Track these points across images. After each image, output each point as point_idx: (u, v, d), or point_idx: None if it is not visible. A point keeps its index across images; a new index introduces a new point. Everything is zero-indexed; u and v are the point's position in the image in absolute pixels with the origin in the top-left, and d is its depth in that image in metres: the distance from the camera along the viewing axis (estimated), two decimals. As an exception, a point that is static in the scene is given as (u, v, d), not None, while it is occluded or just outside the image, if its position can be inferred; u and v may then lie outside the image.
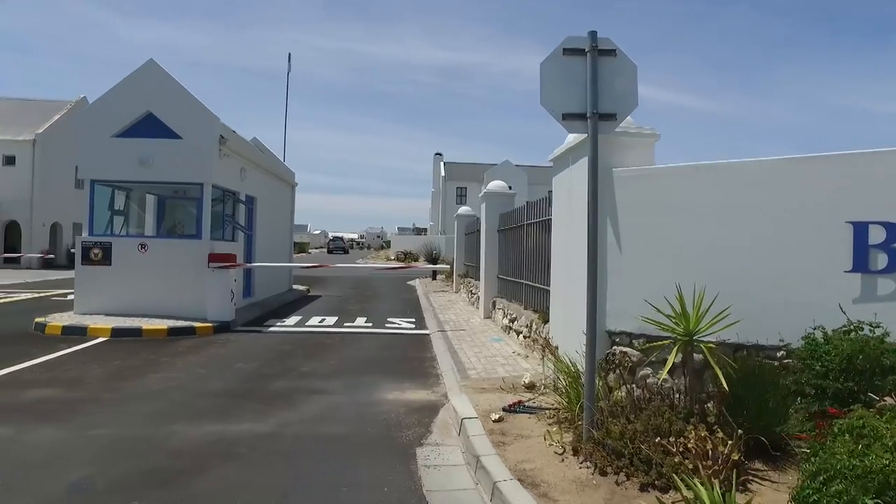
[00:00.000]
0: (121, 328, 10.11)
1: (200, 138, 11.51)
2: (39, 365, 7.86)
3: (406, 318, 13.24)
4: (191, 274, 11.30)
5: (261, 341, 10.09)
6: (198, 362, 8.24)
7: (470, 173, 53.94)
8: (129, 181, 12.06)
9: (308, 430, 5.34)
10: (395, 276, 28.52)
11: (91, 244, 11.49)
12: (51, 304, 14.69)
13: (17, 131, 31.32)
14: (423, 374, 7.81)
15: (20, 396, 6.32)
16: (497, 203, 12.49)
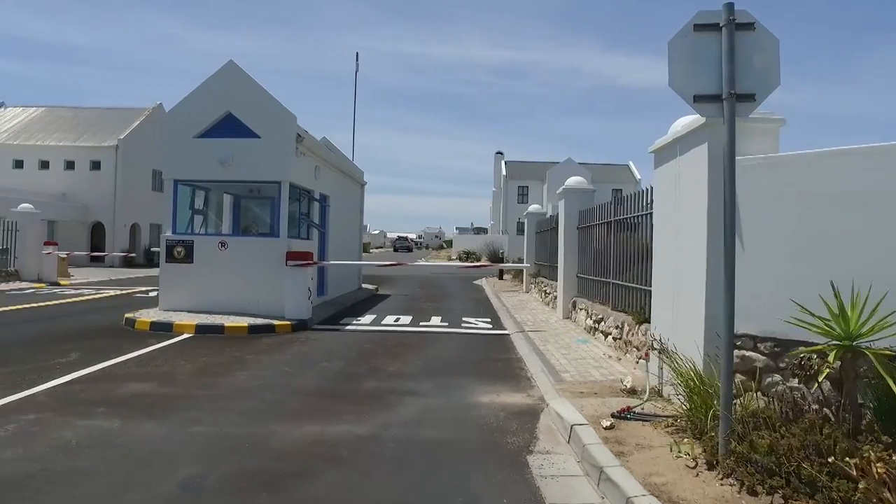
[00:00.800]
0: (204, 325, 10.25)
1: (278, 137, 11.59)
2: (132, 360, 8.00)
3: (481, 318, 12.97)
4: (269, 272, 11.39)
5: (340, 340, 10.03)
6: (282, 360, 8.21)
7: (531, 172, 53.28)
8: (210, 181, 12.28)
9: (409, 433, 5.13)
10: (461, 276, 28.34)
11: (174, 242, 11.75)
12: (135, 301, 15.19)
13: (101, 138, 32.87)
14: (512, 376, 7.51)
15: (119, 390, 6.39)
16: (576, 200, 12.06)
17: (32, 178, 32.26)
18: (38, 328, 10.62)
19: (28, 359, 7.89)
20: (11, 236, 20.71)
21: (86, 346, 8.88)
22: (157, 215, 35.85)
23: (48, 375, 6.98)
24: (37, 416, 5.45)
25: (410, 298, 17.22)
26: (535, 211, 18.98)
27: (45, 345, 8.93)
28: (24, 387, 6.46)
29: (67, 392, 6.31)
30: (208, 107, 11.75)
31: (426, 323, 12.09)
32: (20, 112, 36.25)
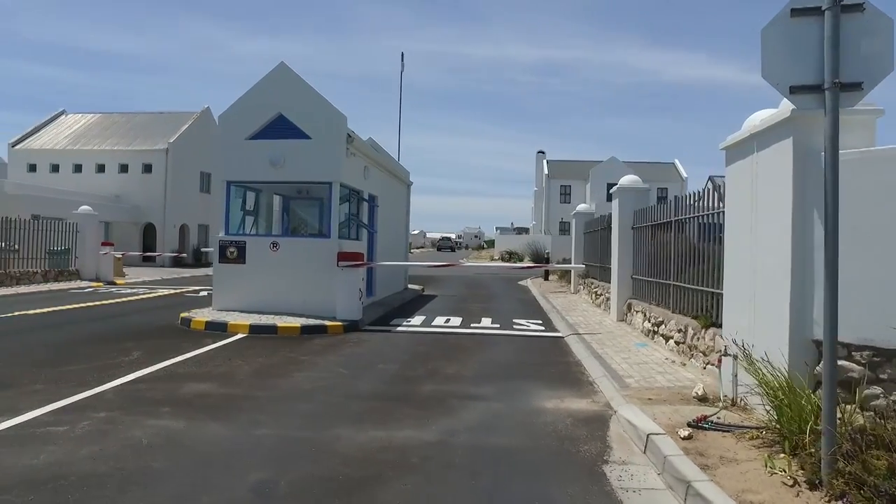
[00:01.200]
0: (258, 325, 10.32)
1: (329, 138, 11.62)
2: (191, 359, 8.07)
3: (532, 320, 12.75)
4: (319, 272, 11.41)
5: (393, 341, 9.96)
6: (338, 362, 8.17)
7: (574, 171, 52.59)
8: (262, 181, 12.39)
9: (476, 440, 4.98)
10: (504, 276, 28.10)
11: (227, 243, 11.89)
12: (187, 300, 15.48)
13: (153, 142, 33.81)
14: (573, 380, 7.29)
15: (181, 390, 6.43)
16: (631, 199, 11.72)
17: (90, 181, 33.40)
18: (102, 326, 10.88)
19: (95, 356, 8.06)
20: (72, 237, 21.44)
21: (147, 344, 9.03)
22: (205, 216, 36.75)
23: (114, 373, 7.09)
24: (107, 413, 5.51)
25: (457, 299, 17.09)
26: (583, 210, 18.63)
27: (110, 343, 9.11)
28: (93, 384, 6.57)
29: (133, 391, 6.38)
30: (260, 109, 11.85)
31: (477, 325, 11.93)
32: (79, 119, 37.59)
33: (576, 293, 18.33)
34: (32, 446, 4.64)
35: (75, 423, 5.23)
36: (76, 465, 4.24)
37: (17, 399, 5.99)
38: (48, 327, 10.73)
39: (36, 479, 3.99)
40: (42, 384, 6.61)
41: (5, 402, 5.86)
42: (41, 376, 6.94)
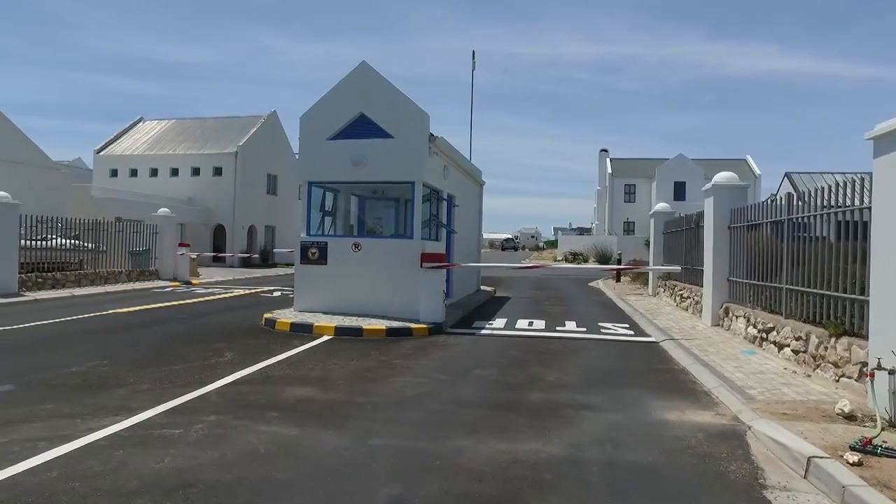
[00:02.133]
0: (343, 327, 10.23)
1: (412, 137, 11.44)
2: (284, 362, 8.00)
3: (618, 324, 12.22)
4: (402, 274, 11.26)
5: (482, 345, 9.67)
6: (432, 367, 7.94)
7: (638, 169, 51.17)
8: (343, 182, 12.32)
9: (608, 455, 4.62)
10: (572, 278, 27.47)
11: (309, 244, 11.89)
12: (263, 301, 15.67)
13: (223, 145, 34.80)
14: (685, 389, 6.81)
15: (283, 394, 6.32)
16: (727, 197, 11.05)
17: (164, 184, 34.67)
18: (189, 325, 11.04)
19: (191, 356, 8.11)
20: (152, 238, 22.18)
21: (237, 345, 9.05)
22: (271, 217, 37.58)
23: (213, 374, 7.08)
24: (217, 417, 5.42)
25: (533, 301, 16.69)
26: (662, 210, 17.88)
27: (201, 343, 9.19)
28: (195, 385, 6.56)
29: (236, 393, 6.31)
30: (341, 108, 11.80)
31: (562, 328, 11.51)
32: (155, 125, 39.13)
33: (655, 296, 17.60)
34: (155, 449, 4.57)
35: (188, 426, 5.16)
36: (201, 472, 4.12)
37: (129, 398, 6.02)
38: (140, 325, 10.96)
39: (166, 485, 3.88)
40: (148, 384, 6.63)
41: (119, 402, 5.90)
42: (146, 375, 6.99)
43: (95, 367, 7.43)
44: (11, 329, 10.39)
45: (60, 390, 6.35)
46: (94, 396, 6.11)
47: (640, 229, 49.12)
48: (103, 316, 12.28)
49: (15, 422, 5.27)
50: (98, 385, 6.58)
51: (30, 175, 24.51)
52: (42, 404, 5.81)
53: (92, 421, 5.28)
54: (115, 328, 10.68)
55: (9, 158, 24.08)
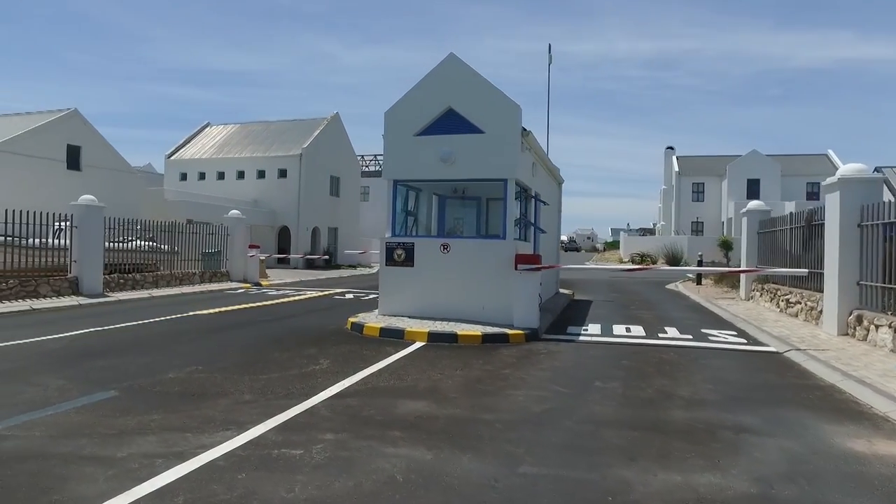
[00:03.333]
0: (436, 333, 9.67)
1: (503, 131, 10.81)
2: (385, 371, 7.49)
3: (723, 330, 11.25)
4: (494, 276, 10.64)
5: (588, 353, 8.93)
6: (545, 377, 7.28)
7: (707, 167, 49.09)
8: (431, 180, 11.78)
9: (811, 497, 3.85)
10: (646, 280, 26.28)
11: (394, 245, 11.41)
12: (337, 303, 15.35)
13: (287, 148, 35.10)
14: (850, 411, 5.92)
15: (397, 409, 5.78)
16: (856, 192, 9.96)
17: (231, 187, 35.23)
18: (273, 328, 10.73)
19: (286, 363, 7.72)
20: (223, 240, 22.32)
21: (329, 352, 8.63)
22: (334, 219, 37.69)
23: (314, 385, 6.63)
24: (335, 436, 4.92)
25: (617, 305, 15.79)
26: (756, 208, 16.66)
27: (291, 347, 8.82)
28: (299, 396, 6.12)
29: (346, 408, 5.81)
30: (427, 103, 11.28)
31: (664, 335, 10.65)
32: (221, 129, 39.91)
33: (749, 300, 16.40)
34: (280, 474, 4.08)
35: (307, 445, 4.67)
36: (343, 506, 3.59)
37: (234, 410, 5.61)
38: (225, 328, 10.71)
39: (308, 524, 3.36)
40: (249, 393, 6.23)
41: (225, 413, 5.50)
42: (245, 384, 6.61)
43: (192, 374, 7.11)
44: (104, 330, 10.32)
45: (163, 399, 6.01)
46: (198, 406, 5.73)
47: (709, 229, 47.09)
48: (186, 318, 12.15)
49: (128, 433, 4.93)
50: (199, 394, 6.21)
51: (111, 179, 25.18)
52: (149, 414, 5.46)
53: (203, 436, 4.87)
54: (201, 330, 10.46)
55: (94, 164, 24.80)
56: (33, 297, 14.49)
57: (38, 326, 10.69)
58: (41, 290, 14.74)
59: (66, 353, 8.33)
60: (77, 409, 5.64)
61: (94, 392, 6.23)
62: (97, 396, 6.07)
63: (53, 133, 23.59)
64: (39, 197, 20.82)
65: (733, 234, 41.65)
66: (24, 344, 8.92)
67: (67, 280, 15.43)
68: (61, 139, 23.88)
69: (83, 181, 23.76)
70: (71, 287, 15.46)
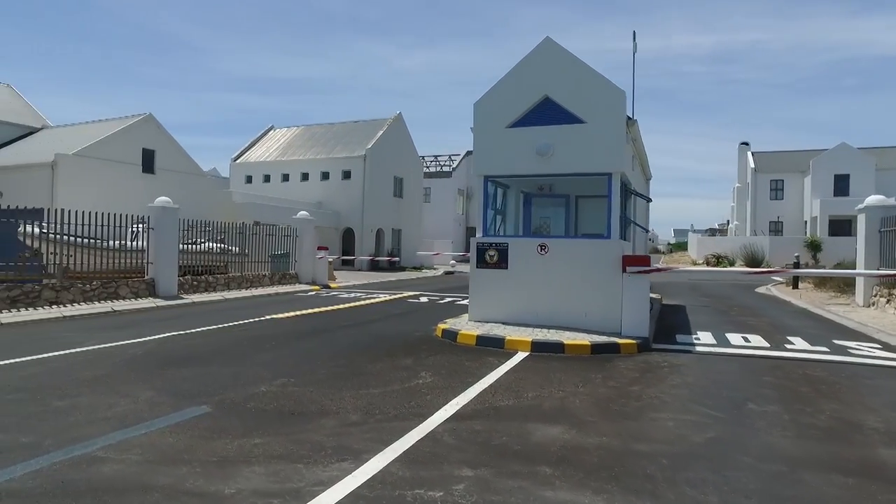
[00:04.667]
0: (541, 342, 8.77)
1: (607, 121, 9.82)
2: (498, 387, 6.64)
3: (862, 343, 9.87)
4: (597, 279, 9.67)
5: (717, 367, 7.84)
6: (685, 397, 6.27)
7: (786, 163, 46.27)
8: (524, 175, 10.86)
9: None
10: (729, 284, 24.59)
11: (486, 246, 10.57)
12: (416, 306, 14.65)
13: (351, 149, 34.89)
14: None
15: (531, 437, 4.91)
16: None
17: (296, 189, 35.30)
18: (356, 335, 10.07)
19: (384, 376, 6.99)
20: (292, 242, 22.06)
21: (426, 362, 7.87)
22: (398, 220, 37.27)
23: (424, 403, 5.86)
24: (474, 472, 4.10)
25: (715, 311, 14.48)
26: (878, 203, 14.99)
27: (383, 357, 8.10)
28: (412, 418, 5.35)
29: (471, 433, 4.99)
30: (521, 92, 10.40)
31: (792, 346, 9.40)
32: (285, 132, 40.18)
33: (870, 306, 14.76)
34: (427, 529, 3.28)
35: (445, 485, 3.87)
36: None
37: (344, 434, 4.88)
38: (306, 335, 10.12)
39: None
40: (354, 412, 5.51)
41: (334, 438, 4.78)
42: (346, 400, 5.90)
43: (285, 387, 6.46)
44: (185, 335, 9.90)
45: (260, 418, 5.35)
46: (301, 428, 5.04)
47: (790, 229, 44.34)
48: (263, 322, 11.68)
49: (230, 461, 4.27)
50: (298, 412, 5.53)
51: (183, 182, 25.41)
52: (249, 437, 4.80)
53: (317, 468, 4.15)
54: (282, 336, 9.90)
55: (167, 167, 25.09)
56: (113, 298, 14.42)
57: (121, 329, 10.39)
58: (121, 291, 14.66)
59: (150, 359, 7.87)
60: (170, 427, 5.04)
61: (185, 407, 5.64)
62: (189, 412, 5.47)
63: (129, 138, 23.94)
64: (117, 200, 21.06)
65: (818, 233, 38.97)
66: (109, 349, 8.54)
67: (145, 282, 15.33)
68: (137, 143, 24.21)
69: (157, 184, 24.02)
70: (148, 289, 15.35)
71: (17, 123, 27.86)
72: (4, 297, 12.38)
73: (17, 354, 8.07)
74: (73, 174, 21.69)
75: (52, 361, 7.67)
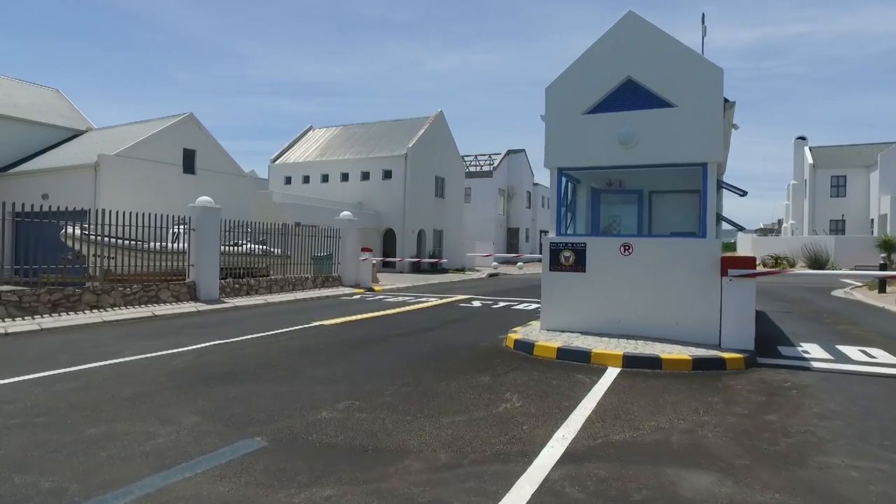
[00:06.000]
0: (633, 356, 7.61)
1: (701, 103, 8.60)
2: (603, 414, 5.54)
3: None
4: (691, 283, 8.46)
5: (856, 390, 6.55)
6: (845, 432, 5.06)
7: (849, 158, 43.78)
8: (604, 167, 9.67)
9: None
10: (801, 287, 22.87)
11: (561, 246, 9.46)
12: (471, 312, 13.60)
13: (392, 148, 34.07)
14: None
15: (678, 490, 3.81)
16: None
17: (335, 189, 34.66)
18: (417, 345, 9.06)
19: (462, 398, 5.95)
20: (335, 243, 21.25)
21: (506, 381, 6.80)
22: (439, 221, 36.30)
23: (521, 437, 4.80)
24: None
25: (802, 316, 13.04)
26: None
27: (453, 374, 7.05)
28: (514, 459, 4.31)
29: (598, 482, 3.92)
30: (599, 74, 9.27)
31: (927, 362, 8.04)
32: (324, 132, 39.65)
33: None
34: None
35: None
36: None
37: (439, 485, 3.85)
38: (359, 344, 9.15)
39: None
40: (440, 450, 4.49)
41: (427, 490, 3.77)
42: (427, 432, 4.88)
43: (350, 411, 5.48)
44: (229, 343, 9.05)
45: (329, 456, 4.36)
46: (381, 474, 4.03)
47: (853, 227, 41.87)
48: (311, 329, 10.78)
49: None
50: (373, 448, 4.53)
51: (223, 182, 24.91)
52: (320, 485, 3.82)
53: (414, 537, 3.11)
54: (334, 346, 8.96)
55: (207, 167, 24.63)
56: (154, 302, 13.77)
57: (161, 337, 9.61)
58: (161, 295, 14.00)
59: (193, 373, 7.00)
60: (221, 468, 4.10)
61: (236, 438, 4.70)
62: (241, 447, 4.53)
63: (171, 137, 23.52)
64: (158, 200, 20.59)
65: (888, 231, 36.61)
66: (149, 360, 7.72)
67: (186, 285, 14.65)
68: (178, 143, 23.78)
69: (198, 184, 23.53)
70: (189, 292, 14.66)
71: (63, 126, 27.81)
72: (46, 301, 11.80)
73: (54, 365, 7.31)
74: (115, 175, 21.32)
75: (88, 374, 6.87)
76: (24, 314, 11.36)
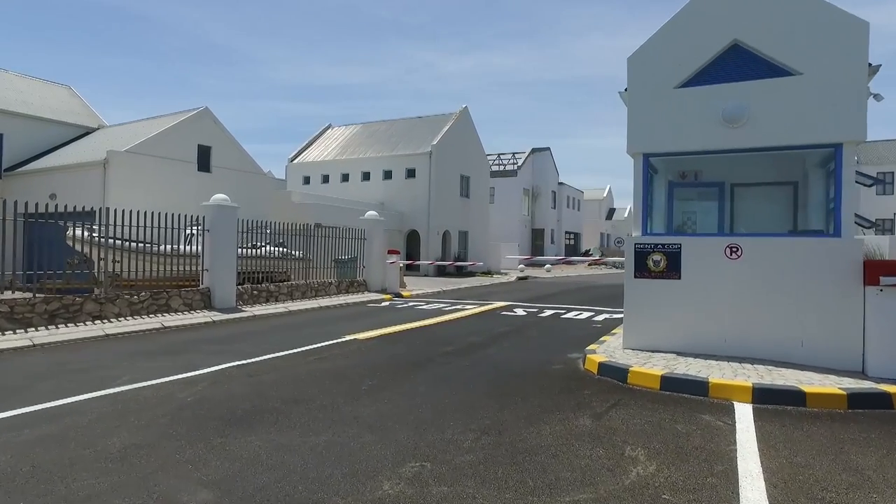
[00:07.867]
0: (767, 388, 5.92)
1: (837, 68, 6.89)
2: (781, 487, 3.90)
3: None
4: (821, 293, 6.77)
5: None
6: None
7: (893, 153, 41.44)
8: (705, 151, 7.97)
9: None
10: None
11: (649, 248, 7.80)
12: (519, 323, 11.96)
13: (415, 146, 32.56)
14: None
15: None
16: None
17: (356, 189, 33.23)
18: (472, 371, 7.43)
19: (568, 458, 4.31)
20: (358, 245, 19.73)
21: (613, 426, 5.16)
22: (464, 222, 34.69)
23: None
24: None
25: None
26: None
27: (538, 415, 5.42)
28: None
29: None
30: (696, 39, 7.62)
31: None
32: (343, 130, 38.25)
33: None
34: None
35: None
36: None
37: None
38: (405, 369, 7.55)
39: None
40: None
41: None
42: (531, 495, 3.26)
43: (421, 482, 3.89)
44: (248, 365, 7.52)
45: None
46: None
47: (901, 228, 39.55)
48: (343, 345, 9.24)
49: None
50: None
51: (240, 181, 23.55)
52: None
53: None
54: (377, 371, 7.37)
55: (223, 165, 23.29)
56: (164, 311, 12.32)
57: (169, 356, 8.12)
58: (172, 303, 12.54)
59: (205, 411, 5.46)
60: None
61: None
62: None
63: (184, 133, 22.18)
64: (170, 199, 19.21)
65: (944, 232, 34.33)
66: (151, 389, 6.21)
67: (199, 292, 13.19)
68: (192, 139, 22.44)
69: (213, 183, 22.14)
70: (203, 300, 13.20)
71: (74, 124, 26.65)
72: (42, 311, 10.37)
73: (31, 399, 5.81)
74: (125, 172, 19.99)
75: (71, 413, 5.35)
76: (17, 326, 9.94)
